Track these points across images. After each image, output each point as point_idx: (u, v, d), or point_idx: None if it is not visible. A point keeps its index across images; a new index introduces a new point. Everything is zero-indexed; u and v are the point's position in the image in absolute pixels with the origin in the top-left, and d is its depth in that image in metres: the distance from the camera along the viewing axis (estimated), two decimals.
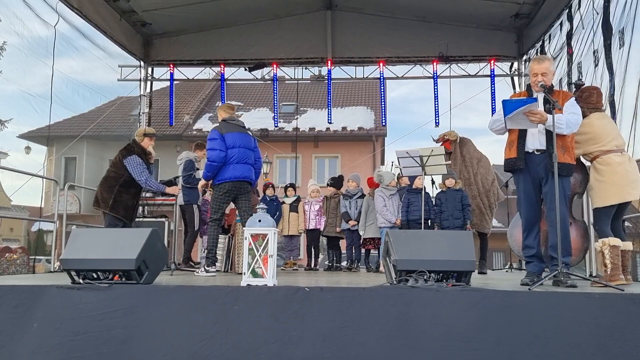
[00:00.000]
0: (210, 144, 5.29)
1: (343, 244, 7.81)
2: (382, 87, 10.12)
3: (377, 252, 7.23)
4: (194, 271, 5.67)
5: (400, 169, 6.50)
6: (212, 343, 2.97)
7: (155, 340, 3.03)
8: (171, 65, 9.82)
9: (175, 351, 2.98)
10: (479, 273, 6.19)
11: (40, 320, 3.11)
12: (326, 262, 8.29)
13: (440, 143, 6.79)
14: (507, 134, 4.13)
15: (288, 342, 2.94)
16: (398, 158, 6.28)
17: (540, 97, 3.95)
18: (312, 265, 7.81)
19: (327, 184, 8.00)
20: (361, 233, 7.18)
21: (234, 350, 2.95)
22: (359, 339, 2.93)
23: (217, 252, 5.90)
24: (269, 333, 2.97)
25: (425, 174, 6.20)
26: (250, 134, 5.59)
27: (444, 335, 2.91)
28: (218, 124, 5.52)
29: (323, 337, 2.94)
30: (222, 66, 9.81)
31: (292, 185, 8.06)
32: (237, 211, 6.63)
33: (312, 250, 7.86)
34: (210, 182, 5.44)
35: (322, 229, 7.76)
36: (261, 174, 6.13)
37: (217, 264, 5.86)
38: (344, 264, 8.04)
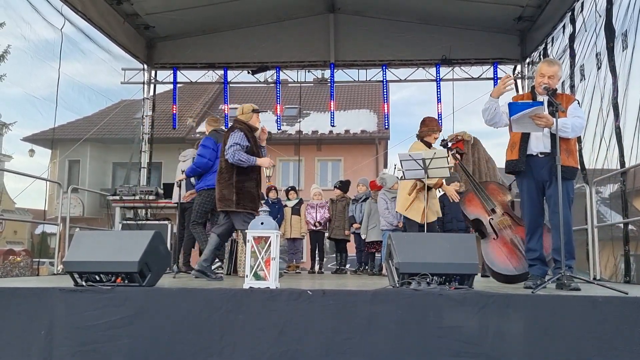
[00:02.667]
0: (203, 151, 5.53)
1: (350, 246, 7.82)
2: (385, 90, 10.12)
3: (379, 254, 7.22)
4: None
5: (403, 172, 6.49)
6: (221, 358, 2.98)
7: (162, 352, 3.03)
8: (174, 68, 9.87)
9: None
10: (481, 276, 6.17)
11: (47, 328, 3.11)
12: (329, 265, 8.28)
13: (452, 143, 6.80)
14: (501, 127, 4.11)
15: (293, 356, 2.94)
16: (401, 161, 6.26)
17: (544, 100, 3.94)
18: (317, 268, 7.81)
19: (335, 187, 8.01)
20: (363, 236, 7.17)
21: None
22: (362, 349, 2.93)
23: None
24: (274, 347, 2.96)
25: (428, 177, 6.18)
26: None
27: (447, 338, 2.90)
28: (211, 133, 5.81)
29: (327, 350, 2.94)
30: (225, 70, 9.84)
31: (293, 188, 8.06)
32: None
33: (316, 253, 7.86)
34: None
35: (326, 232, 7.77)
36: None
37: (220, 263, 5.90)
38: (348, 266, 8.04)
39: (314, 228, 7.76)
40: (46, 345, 3.08)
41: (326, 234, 7.91)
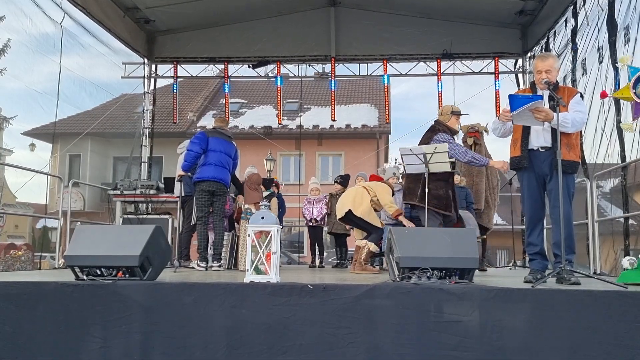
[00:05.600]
0: (193, 139, 5.81)
1: (350, 240, 7.81)
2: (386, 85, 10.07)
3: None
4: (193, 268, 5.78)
5: (404, 167, 6.50)
6: (229, 355, 3.00)
7: (172, 348, 3.06)
8: (175, 63, 9.85)
9: None
10: (479, 270, 6.18)
11: (62, 325, 3.12)
12: (329, 260, 8.28)
13: (465, 131, 6.84)
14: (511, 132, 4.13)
15: (298, 350, 2.96)
16: (402, 155, 6.27)
17: (545, 94, 3.94)
18: (318, 262, 7.82)
19: (335, 181, 7.99)
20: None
21: None
22: (363, 343, 2.94)
23: (220, 249, 5.98)
24: (280, 342, 2.98)
25: (429, 172, 6.19)
26: (235, 144, 6.09)
27: (447, 332, 2.91)
28: (210, 130, 6.05)
29: (329, 345, 2.95)
30: (225, 64, 9.83)
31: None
32: (241, 209, 6.66)
33: (316, 247, 7.87)
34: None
35: (325, 227, 7.77)
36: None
37: (221, 261, 5.92)
38: (348, 260, 8.04)
39: (311, 224, 7.77)
40: (55, 342, 3.09)
41: (326, 229, 7.91)
